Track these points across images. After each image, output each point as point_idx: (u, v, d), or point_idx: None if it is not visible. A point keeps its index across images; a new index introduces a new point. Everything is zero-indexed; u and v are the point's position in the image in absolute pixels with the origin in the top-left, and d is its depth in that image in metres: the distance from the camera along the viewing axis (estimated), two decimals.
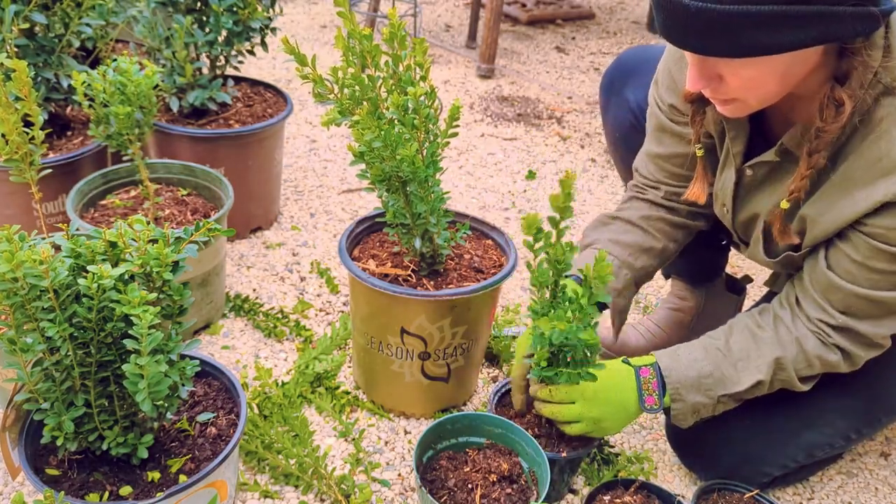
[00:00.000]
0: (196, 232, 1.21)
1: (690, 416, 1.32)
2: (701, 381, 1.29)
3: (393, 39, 1.31)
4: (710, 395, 1.29)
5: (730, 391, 1.29)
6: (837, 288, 1.20)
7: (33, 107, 1.33)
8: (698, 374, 1.29)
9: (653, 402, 1.30)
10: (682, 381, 1.29)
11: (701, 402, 1.30)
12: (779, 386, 1.30)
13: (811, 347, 1.25)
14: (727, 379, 1.29)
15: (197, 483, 1.14)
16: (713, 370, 1.29)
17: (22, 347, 1.03)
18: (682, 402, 1.30)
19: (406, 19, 3.16)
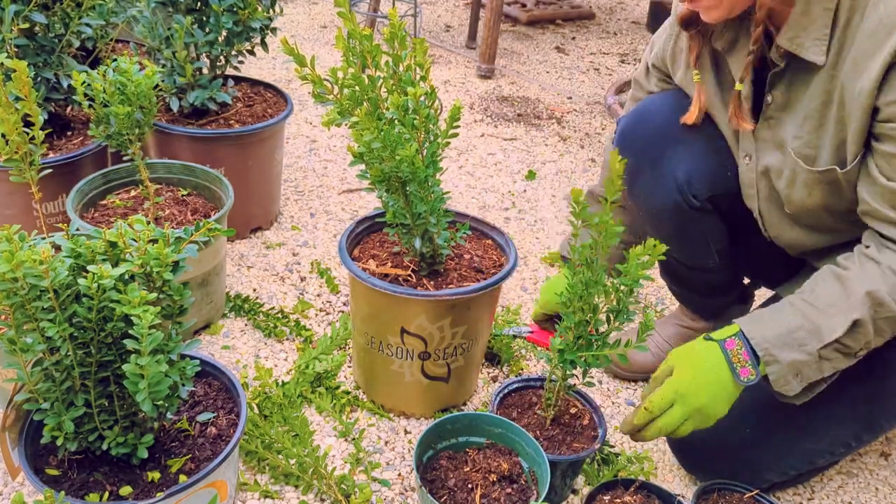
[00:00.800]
0: (196, 232, 1.21)
1: (793, 379, 1.19)
2: (792, 335, 1.18)
3: (393, 39, 1.31)
4: (806, 350, 1.17)
5: (827, 340, 1.16)
6: None
7: (33, 107, 1.33)
8: (787, 328, 1.18)
9: (747, 374, 1.20)
10: (771, 339, 1.19)
11: (799, 359, 1.18)
12: (887, 329, 1.17)
13: None
14: (821, 328, 1.17)
15: (197, 483, 1.14)
16: (803, 322, 1.18)
17: (22, 347, 1.03)
18: (778, 364, 1.19)
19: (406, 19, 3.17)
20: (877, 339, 1.19)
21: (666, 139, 1.42)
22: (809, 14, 1.15)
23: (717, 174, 1.40)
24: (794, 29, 1.17)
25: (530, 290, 2.01)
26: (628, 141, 1.47)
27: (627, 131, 1.48)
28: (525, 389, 1.49)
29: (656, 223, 1.48)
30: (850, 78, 1.14)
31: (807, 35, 1.16)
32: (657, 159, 1.42)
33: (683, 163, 1.40)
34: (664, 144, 1.42)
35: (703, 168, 1.40)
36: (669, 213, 1.43)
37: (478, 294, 1.42)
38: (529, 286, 2.03)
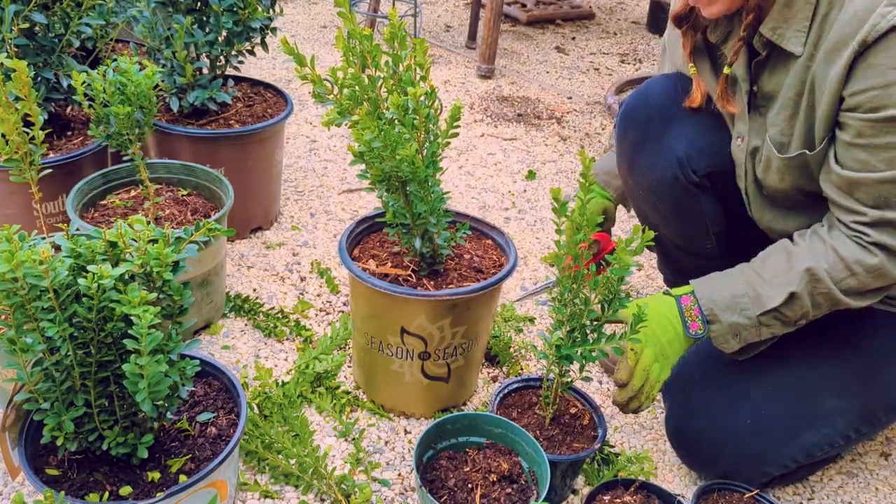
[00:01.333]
0: (196, 232, 1.21)
1: (732, 339, 1.31)
2: (735, 300, 1.28)
3: (393, 39, 1.31)
4: (747, 314, 1.28)
5: (766, 307, 1.26)
6: (857, 182, 1.17)
7: (33, 107, 1.33)
8: (732, 293, 1.29)
9: (696, 328, 1.31)
10: (717, 301, 1.29)
11: (739, 322, 1.28)
12: (824, 303, 1.25)
13: (848, 252, 1.21)
14: (762, 296, 1.27)
15: (197, 483, 1.14)
16: (747, 289, 1.28)
17: (22, 347, 1.03)
18: (719, 324, 1.29)
19: (406, 19, 3.17)
20: (815, 312, 1.27)
21: (667, 116, 1.48)
22: (791, 6, 1.19)
23: (715, 151, 1.43)
24: (777, 19, 1.21)
25: (530, 290, 2.01)
26: (631, 118, 1.53)
27: (630, 109, 1.54)
28: (525, 389, 1.49)
29: (655, 200, 1.51)
30: (822, 67, 1.17)
31: (788, 26, 1.20)
32: (658, 135, 1.48)
33: (683, 138, 1.45)
34: (665, 121, 1.48)
35: (701, 144, 1.44)
36: (668, 187, 1.47)
37: (478, 294, 1.42)
38: (529, 286, 2.03)
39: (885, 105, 1.10)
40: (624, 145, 1.54)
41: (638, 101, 1.53)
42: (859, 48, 1.10)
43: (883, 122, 1.12)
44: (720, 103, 1.34)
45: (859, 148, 1.16)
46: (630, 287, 2.05)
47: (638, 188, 1.53)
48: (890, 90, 1.09)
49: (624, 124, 1.53)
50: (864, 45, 1.10)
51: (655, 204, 1.52)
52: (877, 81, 1.10)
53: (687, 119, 1.45)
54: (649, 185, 1.50)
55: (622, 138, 1.54)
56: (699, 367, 1.46)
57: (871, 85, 1.11)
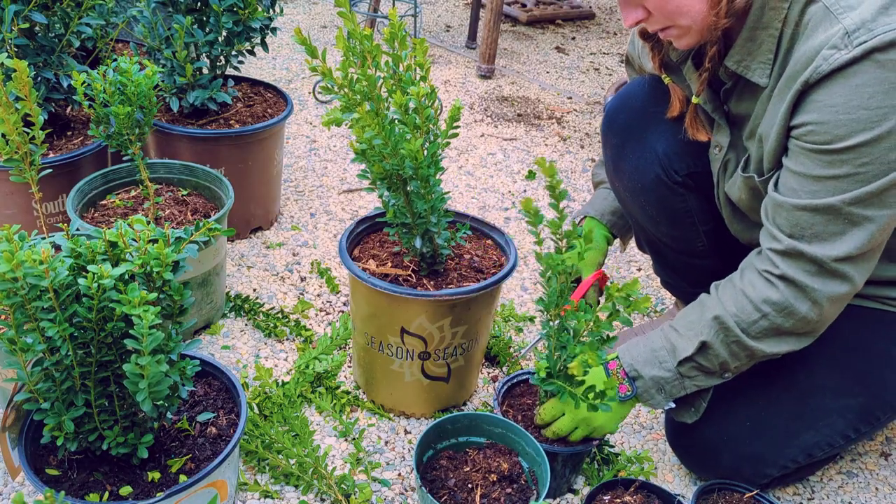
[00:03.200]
0: (196, 232, 1.21)
1: (657, 394, 1.32)
2: (654, 354, 1.31)
3: (393, 39, 1.31)
4: (666, 367, 1.30)
5: (681, 357, 1.29)
6: (781, 206, 1.19)
7: (33, 107, 1.33)
8: (651, 348, 1.32)
9: (624, 390, 1.33)
10: (636, 357, 1.32)
11: (660, 375, 1.31)
12: (741, 352, 1.26)
13: (755, 293, 1.22)
14: (677, 347, 1.30)
15: (197, 483, 1.14)
16: (664, 343, 1.31)
17: (22, 347, 1.03)
18: (642, 379, 1.32)
19: (406, 19, 3.17)
20: (735, 362, 1.28)
21: (648, 118, 1.49)
22: (755, 39, 1.20)
23: (696, 152, 1.44)
24: (741, 52, 1.22)
25: (530, 290, 2.01)
26: (613, 121, 1.54)
27: (612, 113, 1.55)
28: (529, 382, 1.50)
29: (643, 202, 1.52)
30: (775, 102, 1.19)
31: (752, 58, 1.22)
32: (640, 137, 1.49)
33: (664, 139, 1.46)
34: (646, 123, 1.49)
35: (682, 145, 1.45)
36: (653, 188, 1.48)
37: (478, 294, 1.42)
38: (529, 286, 2.03)
39: (819, 139, 1.12)
40: (608, 150, 1.56)
41: (618, 105, 1.55)
42: (802, 87, 1.12)
43: (816, 153, 1.14)
44: (690, 131, 1.37)
45: (793, 174, 1.17)
46: None
47: (625, 191, 1.55)
48: (825, 126, 1.11)
49: (606, 129, 1.56)
50: (806, 84, 1.12)
51: (643, 206, 1.52)
52: (814, 116, 1.12)
53: (666, 120, 1.46)
54: (635, 188, 1.51)
55: (606, 143, 1.56)
56: None
57: (810, 119, 1.13)
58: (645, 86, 1.52)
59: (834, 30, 1.09)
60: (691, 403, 1.39)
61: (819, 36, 1.11)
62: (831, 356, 1.37)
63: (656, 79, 1.48)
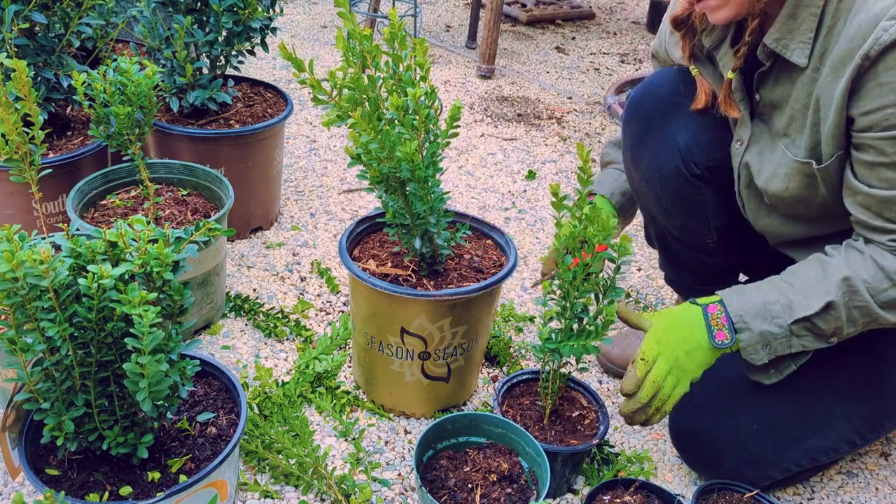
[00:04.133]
0: (196, 232, 1.21)
1: (762, 350, 1.25)
2: (767, 307, 1.24)
3: (393, 40, 1.31)
4: (778, 322, 1.23)
5: (799, 315, 1.21)
6: (888, 200, 1.15)
7: (33, 107, 1.33)
8: (763, 301, 1.24)
9: (724, 337, 1.25)
10: (746, 308, 1.25)
11: (770, 330, 1.23)
12: (860, 318, 1.21)
13: (889, 263, 1.17)
14: (794, 304, 1.22)
15: (197, 483, 1.14)
16: (779, 297, 1.24)
17: (22, 347, 1.03)
18: (749, 332, 1.24)
19: (406, 19, 3.17)
20: (849, 327, 1.22)
21: (670, 110, 1.47)
22: (796, 17, 1.19)
23: (717, 146, 1.43)
24: (781, 30, 1.21)
25: (530, 290, 2.01)
26: (636, 109, 1.53)
27: (636, 100, 1.53)
28: (533, 381, 1.50)
29: (658, 191, 1.51)
30: (828, 83, 1.17)
31: (792, 37, 1.20)
32: (661, 126, 1.47)
33: (685, 130, 1.45)
34: (669, 112, 1.47)
35: (703, 137, 1.44)
36: (670, 178, 1.47)
37: (478, 294, 1.42)
38: (529, 286, 2.03)
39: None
40: (628, 138, 1.54)
41: (642, 94, 1.53)
42: (863, 62, 1.09)
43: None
44: (723, 107, 1.34)
45: (884, 167, 1.14)
46: (630, 288, 2.05)
47: (641, 180, 1.53)
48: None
49: (629, 117, 1.54)
50: (867, 59, 1.09)
51: (658, 196, 1.51)
52: (889, 99, 1.09)
53: (689, 113, 1.45)
54: (652, 177, 1.50)
55: (626, 131, 1.54)
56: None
57: (883, 104, 1.10)
58: (671, 76, 1.50)
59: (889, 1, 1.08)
60: (777, 365, 1.31)
61: (873, 9, 1.09)
62: (840, 361, 1.36)
63: (683, 70, 1.47)
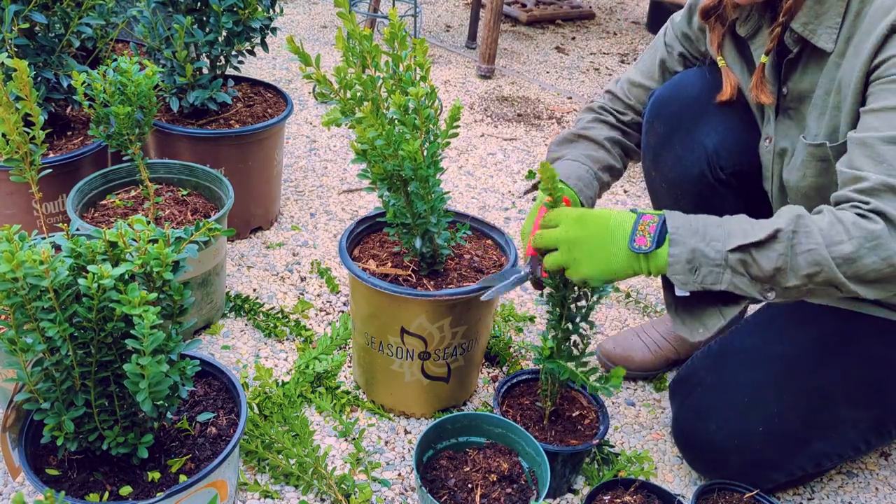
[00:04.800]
0: (196, 232, 1.21)
1: (688, 273, 1.13)
2: (707, 228, 1.14)
3: (393, 40, 1.31)
4: (715, 246, 1.12)
5: (738, 242, 1.11)
6: (863, 144, 1.11)
7: (33, 106, 1.33)
8: (705, 223, 1.15)
9: (643, 243, 1.14)
10: (685, 225, 1.15)
11: (702, 250, 1.13)
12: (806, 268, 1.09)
13: (847, 216, 1.08)
14: (736, 231, 1.13)
15: (197, 483, 1.14)
16: (724, 223, 1.15)
17: (22, 347, 1.03)
18: (681, 246, 1.13)
19: (406, 19, 3.17)
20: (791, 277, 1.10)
21: (699, 110, 1.44)
22: (823, 2, 1.19)
23: (744, 150, 1.42)
24: (808, 15, 1.21)
25: (530, 291, 2.01)
26: (662, 108, 1.48)
27: (662, 100, 1.49)
28: (533, 381, 1.50)
29: (678, 194, 1.49)
30: (851, 62, 1.18)
31: (819, 22, 1.21)
32: (689, 128, 1.45)
33: (714, 133, 1.43)
34: (697, 114, 1.44)
35: (731, 141, 1.43)
36: (694, 182, 1.45)
37: (478, 294, 1.42)
38: (529, 286, 2.03)
39: None
40: (651, 137, 1.51)
41: (669, 94, 1.48)
42: (887, 32, 1.11)
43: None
44: (755, 92, 1.31)
45: (874, 114, 1.13)
46: (630, 287, 2.05)
47: (662, 181, 1.52)
48: None
49: (653, 117, 1.50)
50: (891, 28, 1.11)
51: (677, 198, 1.50)
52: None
53: (718, 115, 1.43)
54: (674, 179, 1.48)
55: (650, 131, 1.51)
56: (708, 370, 1.45)
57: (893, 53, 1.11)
58: (701, 76, 1.47)
59: None
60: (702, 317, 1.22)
61: None
62: (847, 366, 1.36)
63: (712, 70, 1.46)
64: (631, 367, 1.71)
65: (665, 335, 1.73)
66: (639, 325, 1.85)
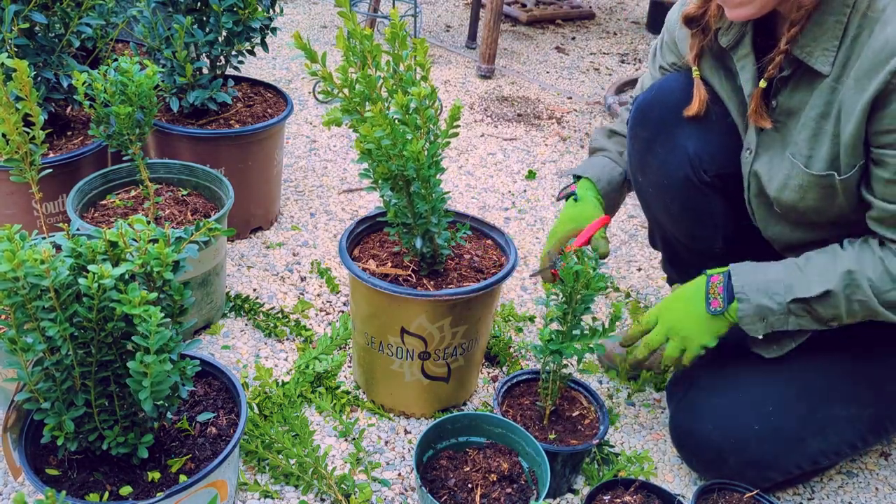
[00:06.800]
0: (196, 232, 1.21)
1: (758, 322, 1.30)
2: (769, 284, 1.28)
3: (394, 39, 1.31)
4: (777, 299, 1.27)
5: (797, 295, 1.26)
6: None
7: (34, 106, 1.33)
8: (766, 278, 1.29)
9: (717, 305, 1.32)
10: (749, 282, 1.30)
11: (767, 305, 1.28)
12: (860, 311, 1.24)
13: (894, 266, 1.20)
14: (796, 285, 1.26)
15: (197, 483, 1.14)
16: (784, 277, 1.28)
17: (22, 347, 1.03)
18: (748, 303, 1.29)
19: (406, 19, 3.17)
20: (849, 317, 1.26)
21: (681, 115, 1.45)
22: (821, 24, 1.18)
23: (727, 153, 1.42)
24: (807, 38, 1.20)
25: (530, 290, 2.01)
26: (645, 115, 1.50)
27: (645, 105, 1.50)
28: (533, 381, 1.50)
29: (666, 199, 1.50)
30: (850, 94, 1.17)
31: (816, 44, 1.19)
32: (671, 133, 1.46)
33: (696, 137, 1.44)
34: (679, 119, 1.45)
35: (714, 145, 1.43)
36: (680, 186, 1.46)
37: (478, 294, 1.42)
38: (529, 286, 2.03)
39: None
40: (636, 143, 1.52)
41: (651, 99, 1.50)
42: (890, 78, 1.10)
43: None
44: (753, 118, 1.31)
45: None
46: (630, 288, 2.05)
47: (648, 186, 1.52)
48: None
49: (636, 123, 1.51)
50: (894, 76, 1.09)
51: (666, 203, 1.51)
52: None
53: (700, 118, 1.43)
54: (660, 184, 1.49)
55: (634, 136, 1.52)
56: (704, 369, 1.45)
57: None
58: (681, 81, 1.48)
59: None
60: (779, 340, 1.36)
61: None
62: (845, 364, 1.36)
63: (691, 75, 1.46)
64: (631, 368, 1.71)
65: None
66: None
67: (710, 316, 1.33)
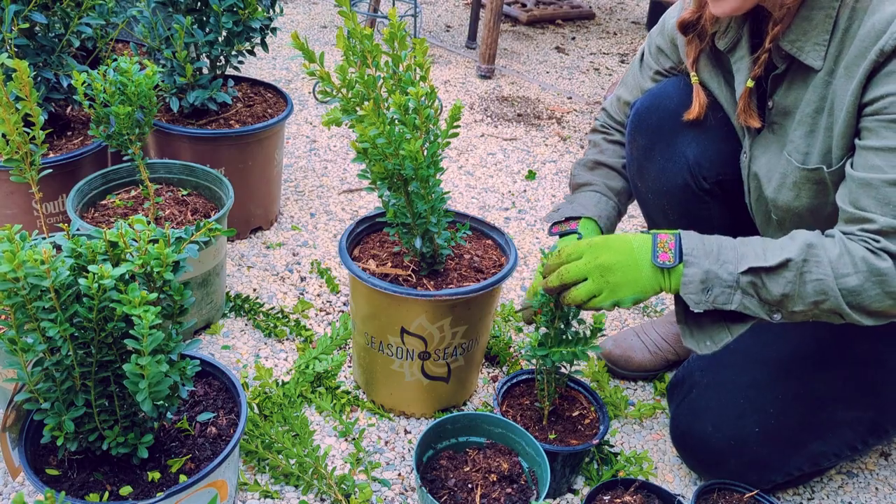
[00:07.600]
0: (196, 232, 1.21)
1: (701, 293, 1.17)
2: (721, 251, 1.18)
3: (393, 39, 1.31)
4: (727, 268, 1.16)
5: (750, 265, 1.15)
6: (868, 185, 1.12)
7: (34, 107, 1.33)
8: (719, 245, 1.19)
9: (666, 259, 1.19)
10: (700, 246, 1.19)
11: (716, 272, 1.16)
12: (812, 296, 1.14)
13: (857, 249, 1.12)
14: (749, 255, 1.16)
15: (197, 483, 1.14)
16: (737, 246, 1.18)
17: (22, 347, 1.03)
18: (696, 267, 1.17)
19: (406, 19, 3.17)
20: (797, 303, 1.15)
21: (680, 121, 1.44)
22: (811, 19, 1.18)
23: (727, 159, 1.42)
24: (796, 32, 1.20)
25: None
26: (643, 121, 1.49)
27: (643, 111, 1.49)
28: (532, 381, 1.50)
29: (664, 206, 1.50)
30: (842, 83, 1.17)
31: (807, 39, 1.19)
32: (671, 140, 1.45)
33: (695, 144, 1.43)
34: (678, 126, 1.44)
35: (713, 151, 1.42)
36: (678, 193, 1.46)
37: (478, 294, 1.42)
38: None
39: None
40: (634, 149, 1.51)
41: (650, 105, 1.49)
42: (877, 58, 1.09)
43: None
44: (742, 118, 1.31)
45: (874, 151, 1.12)
46: None
47: (648, 192, 1.52)
48: None
49: (634, 129, 1.50)
50: (881, 54, 1.09)
51: (665, 209, 1.50)
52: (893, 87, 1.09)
53: (699, 124, 1.42)
54: (659, 190, 1.49)
55: (632, 143, 1.52)
56: (704, 371, 1.45)
57: (889, 90, 1.09)
58: (679, 87, 1.47)
59: None
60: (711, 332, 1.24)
61: (889, 8, 1.10)
62: (846, 367, 1.36)
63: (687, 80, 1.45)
64: (630, 368, 1.71)
65: (664, 336, 1.73)
66: (638, 325, 1.85)
67: (653, 267, 1.20)
